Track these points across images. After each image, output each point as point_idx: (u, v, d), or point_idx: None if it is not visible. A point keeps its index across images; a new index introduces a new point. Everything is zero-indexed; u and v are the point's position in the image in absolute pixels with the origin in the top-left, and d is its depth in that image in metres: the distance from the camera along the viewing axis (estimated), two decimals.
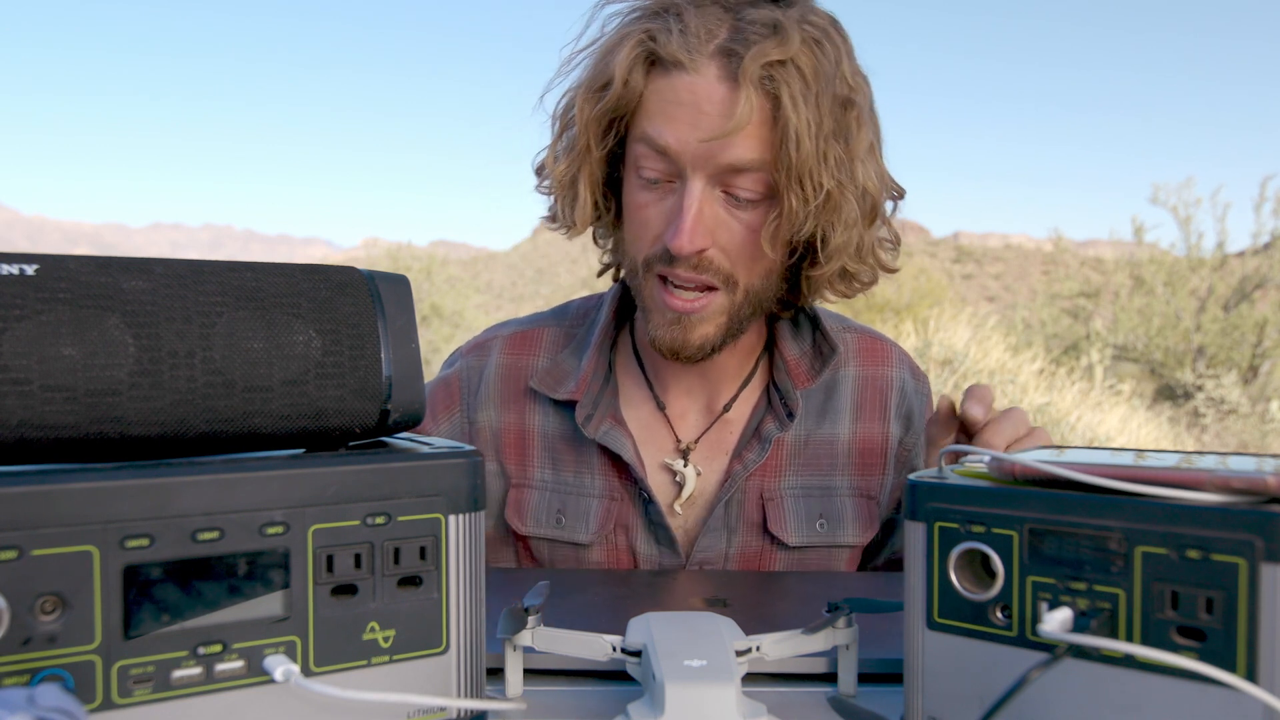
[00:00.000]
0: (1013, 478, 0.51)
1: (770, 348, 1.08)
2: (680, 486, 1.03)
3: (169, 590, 0.44)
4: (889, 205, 0.98)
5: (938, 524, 0.52)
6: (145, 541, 0.43)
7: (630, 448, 1.01)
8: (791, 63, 0.86)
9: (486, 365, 1.09)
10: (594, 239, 1.09)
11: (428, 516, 0.50)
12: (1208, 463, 0.49)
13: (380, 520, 0.49)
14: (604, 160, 0.97)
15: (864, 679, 0.64)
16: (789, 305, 1.06)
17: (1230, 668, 0.43)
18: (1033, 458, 0.50)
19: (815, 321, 1.08)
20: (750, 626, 0.63)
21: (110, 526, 0.42)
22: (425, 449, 0.52)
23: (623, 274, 1.06)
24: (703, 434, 1.06)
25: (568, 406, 1.04)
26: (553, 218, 1.04)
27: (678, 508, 1.03)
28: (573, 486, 1.04)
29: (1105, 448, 0.58)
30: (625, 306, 1.09)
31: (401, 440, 0.56)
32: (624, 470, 1.03)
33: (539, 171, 1.03)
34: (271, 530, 0.46)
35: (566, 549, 1.04)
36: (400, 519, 0.50)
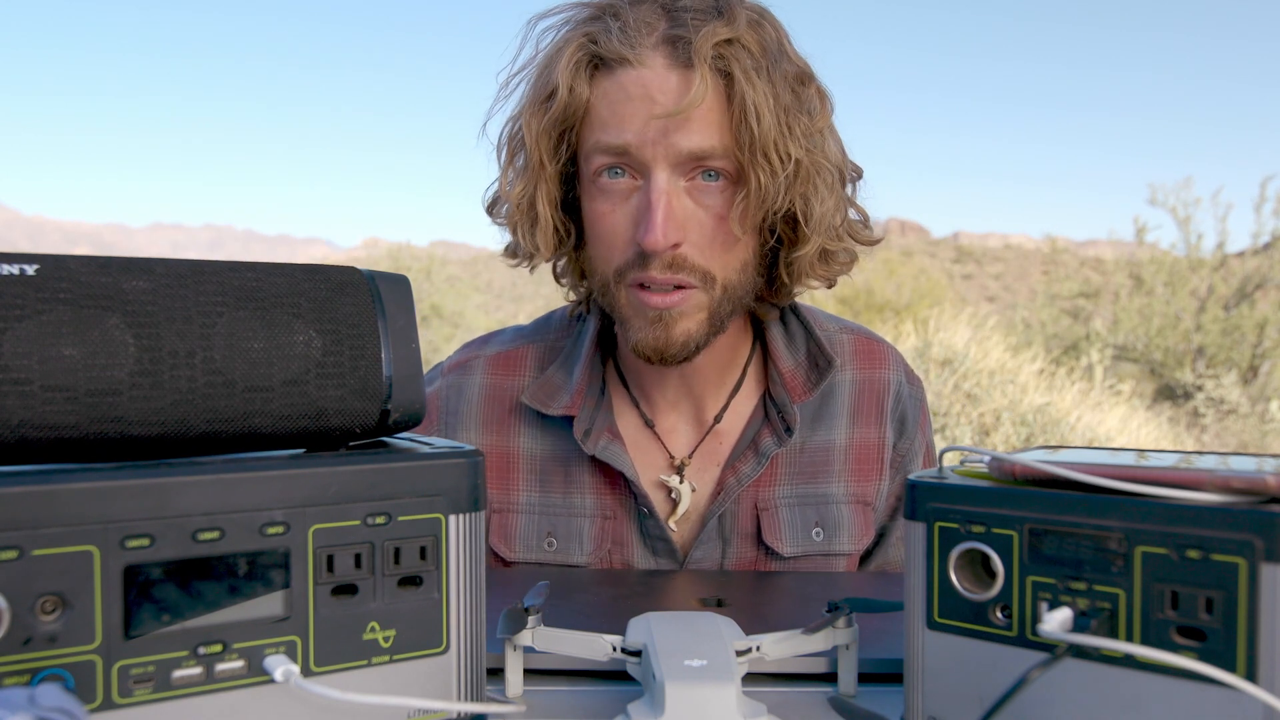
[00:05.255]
0: (1013, 478, 0.51)
1: (765, 359, 1.06)
2: (675, 503, 1.02)
3: (169, 590, 0.44)
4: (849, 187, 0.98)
5: (938, 524, 0.52)
6: (146, 541, 0.43)
7: (630, 462, 1.00)
8: (739, 41, 0.86)
9: (468, 385, 1.06)
10: (555, 277, 1.06)
11: (428, 516, 0.50)
12: (1208, 463, 0.49)
13: (380, 520, 0.49)
14: (559, 178, 0.94)
15: (864, 679, 0.64)
16: (773, 306, 1.04)
17: (1230, 668, 0.43)
18: (1033, 458, 0.51)
19: (809, 330, 1.06)
20: (750, 626, 0.63)
21: (111, 526, 0.42)
22: (425, 449, 0.52)
23: (595, 298, 1.01)
24: (695, 448, 1.04)
25: (559, 422, 1.02)
26: (512, 252, 1.01)
27: (672, 524, 1.02)
28: (562, 508, 1.02)
29: (1105, 448, 0.58)
30: (605, 327, 1.06)
31: (402, 440, 0.56)
32: (617, 486, 1.01)
33: (491, 206, 1.01)
34: (272, 530, 0.46)
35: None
36: (400, 519, 0.50)
